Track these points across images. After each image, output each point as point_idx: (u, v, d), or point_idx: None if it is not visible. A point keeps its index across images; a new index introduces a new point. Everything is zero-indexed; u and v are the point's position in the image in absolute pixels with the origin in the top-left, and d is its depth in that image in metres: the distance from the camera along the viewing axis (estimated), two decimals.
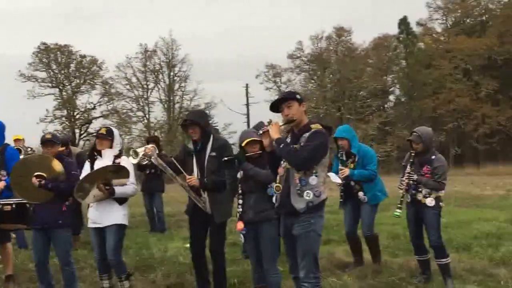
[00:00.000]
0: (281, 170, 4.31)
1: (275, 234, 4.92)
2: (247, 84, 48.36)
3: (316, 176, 4.15)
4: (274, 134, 4.23)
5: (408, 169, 5.92)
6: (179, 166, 5.44)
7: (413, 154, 5.94)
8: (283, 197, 4.27)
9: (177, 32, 71.34)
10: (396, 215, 6.03)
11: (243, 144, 5.09)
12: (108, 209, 5.35)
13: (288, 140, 4.33)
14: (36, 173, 5.39)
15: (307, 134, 4.21)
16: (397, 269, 6.53)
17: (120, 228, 5.39)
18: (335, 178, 6.63)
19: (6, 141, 6.74)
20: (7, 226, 6.25)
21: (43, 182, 5.37)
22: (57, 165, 5.48)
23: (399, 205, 5.96)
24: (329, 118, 45.37)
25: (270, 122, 4.33)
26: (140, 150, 5.51)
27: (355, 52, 48.75)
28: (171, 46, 47.37)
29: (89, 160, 5.62)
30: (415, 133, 5.93)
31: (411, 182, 5.84)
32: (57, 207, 5.48)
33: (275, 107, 4.36)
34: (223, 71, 66.54)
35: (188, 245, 7.65)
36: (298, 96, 4.33)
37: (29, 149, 10.40)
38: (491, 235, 8.73)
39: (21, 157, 7.28)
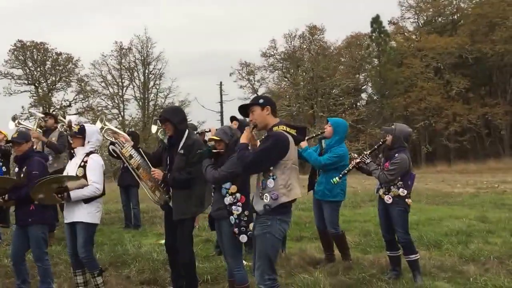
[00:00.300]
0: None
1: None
2: (221, 82, 48.47)
3: (273, 179, 4.18)
4: (242, 138, 4.39)
5: (367, 152, 6.18)
6: (146, 160, 5.61)
7: (380, 143, 6.15)
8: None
9: (152, 28, 71.00)
10: (332, 180, 6.18)
11: (209, 140, 5.25)
12: (74, 207, 5.38)
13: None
14: None
15: None
16: (368, 266, 6.62)
17: (87, 226, 5.40)
18: None
19: None
20: None
21: (6, 197, 5.46)
22: (6, 178, 5.72)
23: (342, 174, 6.21)
24: (302, 116, 45.67)
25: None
26: (110, 127, 5.67)
27: (328, 51, 49.07)
28: (146, 44, 47.29)
29: (70, 158, 5.65)
30: (392, 125, 6.11)
31: (363, 160, 6.09)
32: (25, 208, 5.51)
33: (244, 112, 4.51)
34: (197, 68, 66.35)
35: (162, 241, 7.71)
36: (260, 101, 4.38)
37: (8, 144, 10.32)
38: (461, 232, 8.87)
39: None
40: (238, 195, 4.86)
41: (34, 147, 5.76)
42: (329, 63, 47.34)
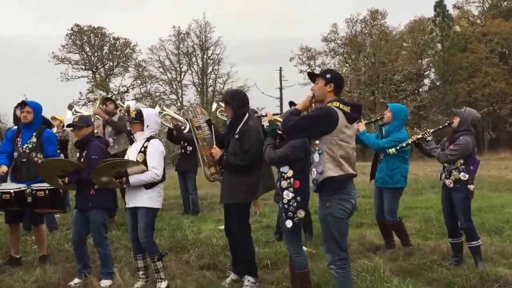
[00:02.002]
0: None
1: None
2: (280, 68, 48.21)
3: (319, 153, 4.12)
4: (298, 105, 4.35)
5: (431, 130, 6.19)
6: (213, 136, 5.63)
7: (446, 124, 6.16)
8: None
9: (210, 14, 71.30)
10: (389, 151, 6.34)
11: (274, 121, 5.24)
12: (135, 192, 5.43)
13: None
14: (58, 173, 5.61)
15: None
16: (428, 252, 6.52)
17: (149, 211, 5.43)
18: None
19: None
20: (43, 210, 6.45)
21: (66, 180, 5.60)
22: (67, 161, 5.88)
23: (400, 146, 6.33)
24: (363, 102, 44.94)
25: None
26: (169, 112, 5.72)
27: (390, 35, 48.01)
28: (205, 29, 47.33)
29: (130, 143, 5.73)
30: (461, 109, 6.03)
31: (424, 136, 6.13)
32: (86, 192, 5.65)
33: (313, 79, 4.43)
34: (257, 53, 66.31)
35: (221, 227, 7.79)
36: (327, 76, 4.28)
37: (65, 132, 10.65)
38: None
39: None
40: (292, 179, 4.80)
41: (96, 131, 5.87)
42: (391, 48, 46.31)
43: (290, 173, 4.81)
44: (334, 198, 4.14)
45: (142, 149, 5.45)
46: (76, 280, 5.74)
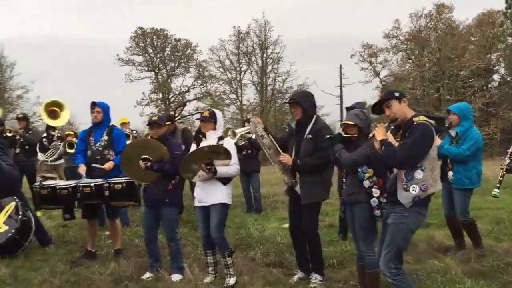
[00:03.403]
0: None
1: (367, 215, 4.88)
2: (340, 65, 47.66)
3: (421, 170, 4.10)
4: (379, 135, 4.29)
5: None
6: (275, 143, 5.63)
7: None
8: (391, 190, 4.29)
9: (269, 12, 71.41)
10: (494, 195, 5.94)
11: (341, 125, 5.20)
12: (212, 189, 5.56)
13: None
14: (142, 156, 5.77)
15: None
16: (502, 254, 6.33)
17: (223, 207, 5.59)
18: None
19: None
20: (118, 203, 6.73)
21: (148, 164, 5.76)
22: (161, 148, 5.82)
23: (497, 185, 5.94)
24: (427, 99, 43.85)
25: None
26: (238, 131, 5.75)
27: (457, 30, 46.52)
28: (264, 28, 47.36)
29: (195, 142, 5.87)
30: None
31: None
32: (164, 187, 5.83)
33: (378, 109, 4.40)
34: (316, 51, 65.91)
35: (285, 226, 7.81)
36: (396, 94, 4.29)
37: (134, 131, 11.01)
38: None
39: (129, 142, 7.73)
40: (375, 178, 4.81)
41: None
42: (457, 43, 44.81)
43: (370, 172, 4.82)
44: (413, 210, 4.15)
45: None
46: (148, 274, 5.96)
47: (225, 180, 5.58)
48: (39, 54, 63.91)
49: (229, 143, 5.63)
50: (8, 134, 9.77)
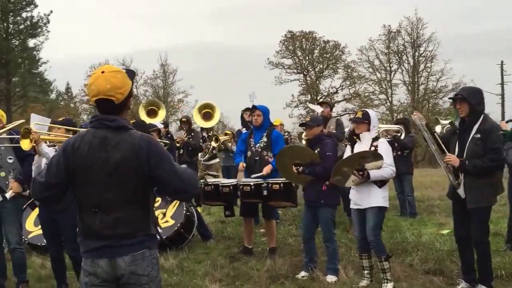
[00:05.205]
0: None
1: None
2: (502, 62, 44.39)
3: None
4: None
5: None
6: (440, 143, 5.41)
7: None
8: None
9: (422, 8, 68.70)
10: None
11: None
12: (367, 192, 5.50)
13: None
14: (295, 162, 5.96)
15: None
16: None
17: (379, 210, 5.51)
18: None
19: None
20: (276, 203, 6.93)
21: (300, 169, 5.91)
22: (308, 151, 6.08)
23: None
24: None
25: None
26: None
27: None
28: (416, 25, 45.75)
29: (349, 143, 5.85)
30: None
31: None
32: (318, 188, 5.90)
33: None
34: (473, 48, 61.98)
35: (444, 231, 7.50)
36: None
37: (286, 133, 11.24)
38: None
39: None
40: None
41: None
42: None
43: None
44: None
45: (371, 148, 5.52)
46: (303, 273, 6.07)
47: (381, 183, 5.48)
48: (197, 60, 67.61)
49: (383, 144, 5.53)
50: (177, 144, 10.52)
